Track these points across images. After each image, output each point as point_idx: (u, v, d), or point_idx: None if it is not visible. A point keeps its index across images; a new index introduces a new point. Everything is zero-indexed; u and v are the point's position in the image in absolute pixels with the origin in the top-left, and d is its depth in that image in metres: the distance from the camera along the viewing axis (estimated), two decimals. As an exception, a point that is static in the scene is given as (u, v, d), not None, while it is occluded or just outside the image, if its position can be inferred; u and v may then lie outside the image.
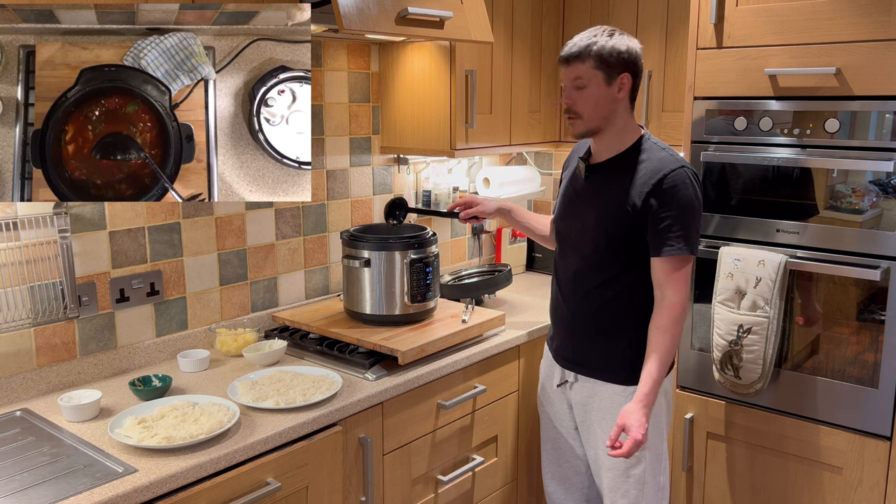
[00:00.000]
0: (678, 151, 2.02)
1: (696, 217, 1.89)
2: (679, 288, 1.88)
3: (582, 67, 1.89)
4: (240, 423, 1.76)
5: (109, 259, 2.05)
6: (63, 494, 1.45)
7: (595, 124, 1.93)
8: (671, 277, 1.87)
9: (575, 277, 2.03)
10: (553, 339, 2.16)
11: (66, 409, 1.76)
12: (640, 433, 1.81)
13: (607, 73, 1.88)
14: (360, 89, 2.65)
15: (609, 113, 1.92)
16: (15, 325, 1.87)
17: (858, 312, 2.14)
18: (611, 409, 1.99)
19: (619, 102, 1.92)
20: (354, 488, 1.98)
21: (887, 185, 2.04)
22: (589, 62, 1.88)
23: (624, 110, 1.94)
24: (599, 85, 1.89)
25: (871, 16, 2.00)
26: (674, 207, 1.85)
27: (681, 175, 1.86)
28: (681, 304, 1.88)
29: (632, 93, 1.94)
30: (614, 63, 1.88)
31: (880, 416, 2.11)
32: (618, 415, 1.94)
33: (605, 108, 1.91)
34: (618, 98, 1.91)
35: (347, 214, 2.67)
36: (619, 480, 2.00)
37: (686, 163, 1.91)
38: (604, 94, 1.90)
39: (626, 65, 1.89)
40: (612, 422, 1.98)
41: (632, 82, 1.92)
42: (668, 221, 1.85)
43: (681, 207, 1.86)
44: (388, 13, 2.04)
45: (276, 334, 2.33)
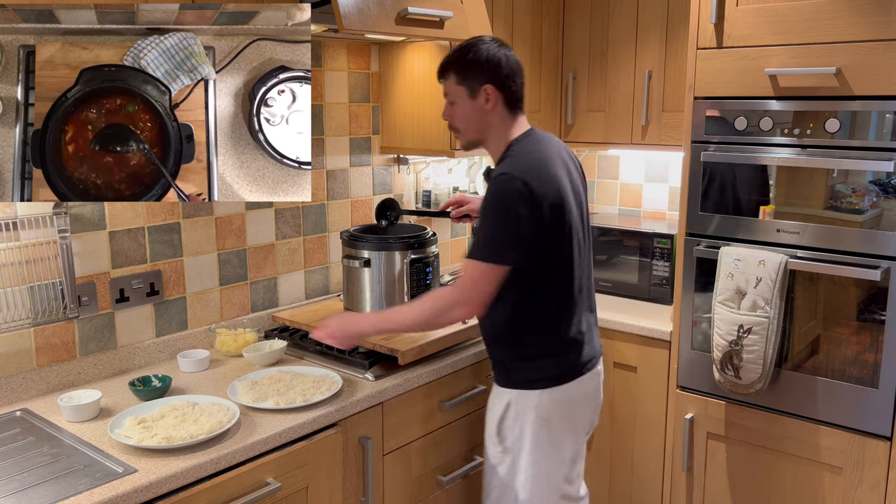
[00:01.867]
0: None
1: (499, 224, 1.79)
2: (461, 282, 1.82)
3: (448, 84, 1.92)
4: (240, 424, 1.76)
5: (109, 259, 2.05)
6: (63, 494, 1.45)
7: (472, 137, 1.94)
8: (462, 275, 1.83)
9: None
10: None
11: (66, 409, 1.76)
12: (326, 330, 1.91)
13: (469, 87, 1.88)
14: (360, 89, 2.65)
15: (483, 125, 1.91)
16: (15, 325, 1.87)
17: (858, 312, 2.14)
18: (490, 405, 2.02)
19: (490, 114, 1.89)
20: (354, 488, 1.98)
21: (887, 185, 2.04)
22: (452, 78, 1.91)
23: (500, 120, 1.90)
24: (465, 99, 1.90)
25: (871, 16, 2.00)
26: (485, 213, 1.81)
27: (499, 181, 1.79)
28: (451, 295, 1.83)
29: (509, 100, 1.89)
30: (474, 76, 1.87)
31: (880, 416, 2.11)
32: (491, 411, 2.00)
33: (476, 121, 1.91)
34: (486, 109, 1.89)
35: (347, 214, 2.67)
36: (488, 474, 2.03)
37: (510, 171, 1.79)
38: (470, 107, 1.90)
39: (487, 75, 1.86)
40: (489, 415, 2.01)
41: (499, 91, 1.87)
42: (480, 226, 1.83)
43: (486, 214, 1.81)
44: (388, 13, 2.04)
45: (276, 334, 2.33)
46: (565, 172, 1.90)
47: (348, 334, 1.92)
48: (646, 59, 2.79)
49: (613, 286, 2.92)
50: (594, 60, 2.94)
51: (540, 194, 1.78)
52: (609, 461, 2.76)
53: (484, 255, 1.79)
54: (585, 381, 1.97)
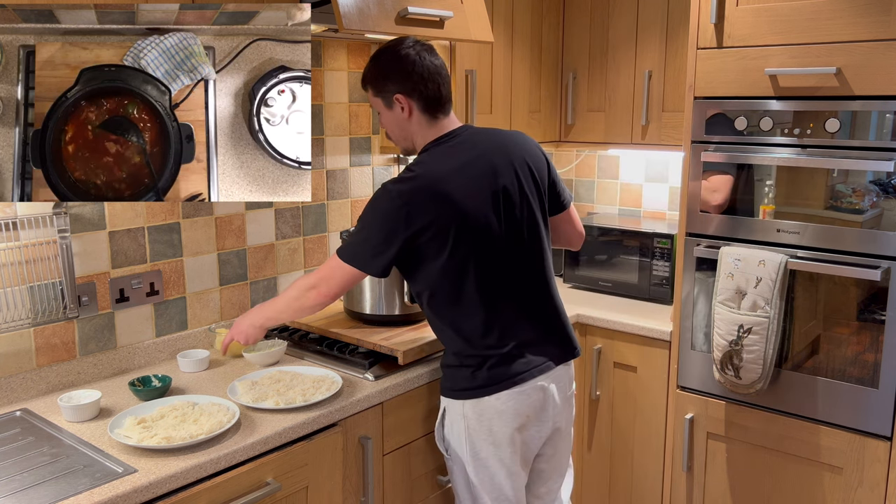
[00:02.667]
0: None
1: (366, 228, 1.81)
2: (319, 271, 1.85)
3: (369, 97, 1.94)
4: (240, 424, 1.76)
5: (109, 259, 2.05)
6: (63, 494, 1.45)
7: (404, 145, 1.96)
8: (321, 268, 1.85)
9: None
10: None
11: (66, 409, 1.76)
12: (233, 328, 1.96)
13: (384, 99, 1.89)
14: (360, 89, 2.64)
15: (406, 133, 1.92)
16: (15, 325, 1.87)
17: (858, 312, 2.14)
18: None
19: (408, 121, 1.88)
20: (354, 488, 1.98)
21: (887, 185, 2.04)
22: (370, 91, 1.93)
23: (419, 126, 1.88)
24: (385, 110, 1.91)
25: (871, 16, 2.00)
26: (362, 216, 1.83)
27: (382, 191, 1.80)
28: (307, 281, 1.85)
29: (426, 106, 1.86)
30: (384, 87, 1.87)
31: (880, 416, 2.11)
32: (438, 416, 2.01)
33: (400, 130, 1.92)
34: (404, 118, 1.88)
35: (347, 214, 2.67)
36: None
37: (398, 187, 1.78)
38: (391, 118, 1.91)
39: (396, 85, 1.85)
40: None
41: (410, 99, 1.85)
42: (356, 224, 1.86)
43: (362, 217, 1.83)
44: (387, 13, 2.04)
45: (276, 334, 2.33)
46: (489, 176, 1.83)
47: (243, 328, 1.95)
48: (646, 59, 2.79)
49: (613, 286, 2.92)
50: (594, 60, 2.94)
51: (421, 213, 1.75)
52: (609, 461, 2.76)
53: (346, 255, 1.81)
54: (515, 396, 1.86)
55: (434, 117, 1.89)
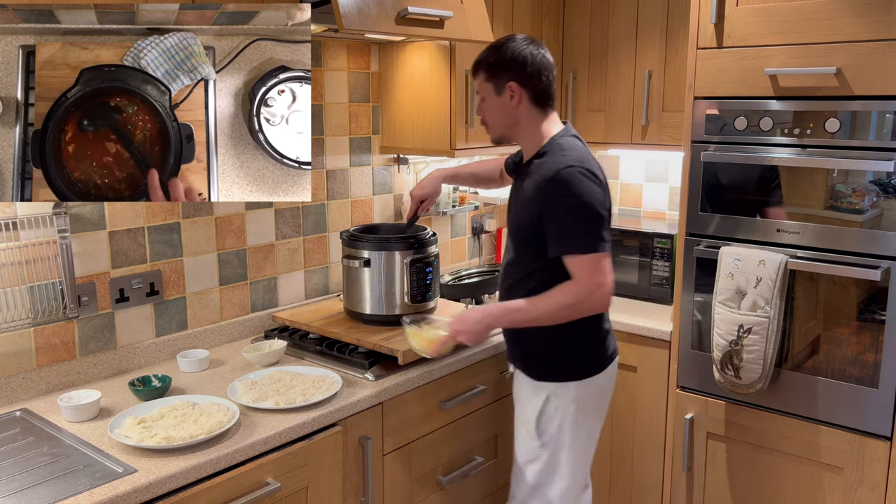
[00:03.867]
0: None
1: (589, 214, 1.85)
2: (586, 272, 1.85)
3: (478, 81, 1.99)
4: (239, 424, 1.76)
5: (109, 259, 2.05)
6: (63, 494, 1.45)
7: (500, 132, 2.00)
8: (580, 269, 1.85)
9: (505, 270, 2.07)
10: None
11: (66, 409, 1.76)
12: (459, 325, 1.91)
13: (496, 84, 1.94)
14: (360, 89, 2.65)
15: (511, 121, 1.96)
16: (15, 325, 1.87)
17: (858, 312, 2.14)
18: (523, 401, 2.05)
19: (516, 110, 1.94)
20: (354, 488, 1.98)
21: (887, 185, 2.04)
22: (481, 75, 1.97)
23: (527, 116, 1.95)
24: (492, 96, 1.96)
25: (871, 16, 2.00)
26: (565, 207, 1.84)
27: (568, 174, 1.83)
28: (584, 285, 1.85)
29: (536, 97, 1.93)
30: (499, 73, 1.92)
31: (880, 416, 2.11)
32: (525, 407, 2.03)
33: (504, 118, 1.96)
34: (512, 106, 1.94)
35: (347, 214, 2.67)
36: (520, 471, 2.07)
37: (576, 163, 1.85)
38: (497, 104, 1.95)
39: (511, 73, 1.91)
40: (521, 412, 2.05)
41: (524, 88, 1.92)
42: (563, 221, 1.85)
43: (571, 206, 1.83)
44: (388, 13, 2.04)
45: (276, 334, 2.33)
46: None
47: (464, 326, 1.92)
48: (646, 59, 2.79)
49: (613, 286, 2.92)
50: (594, 60, 2.94)
51: (602, 180, 1.91)
52: (609, 461, 2.76)
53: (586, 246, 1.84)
54: (611, 371, 2.07)
55: (543, 109, 1.97)
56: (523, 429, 2.06)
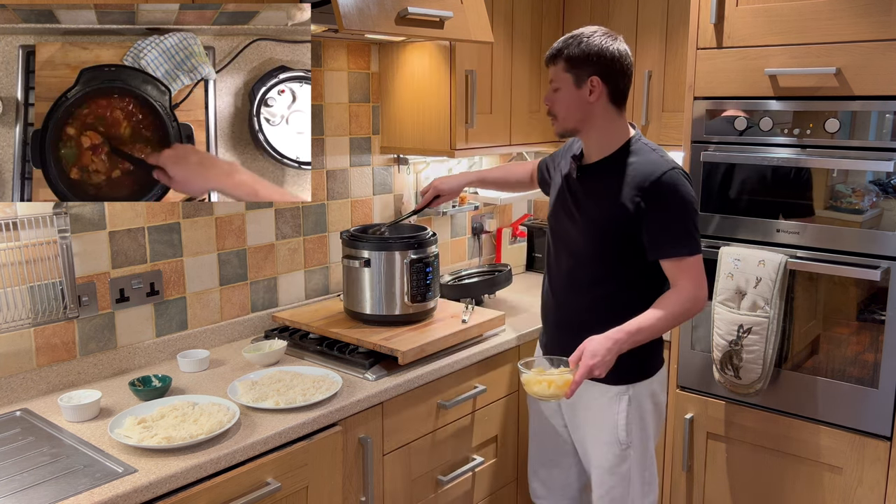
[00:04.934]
0: (672, 151, 2.02)
1: (695, 216, 1.89)
2: (691, 278, 1.87)
3: (555, 69, 1.92)
4: (240, 424, 1.76)
5: (109, 259, 2.05)
6: (63, 494, 1.45)
7: (571, 125, 1.94)
8: (684, 273, 1.87)
9: (566, 276, 2.03)
10: (543, 337, 2.17)
11: (66, 409, 1.76)
12: (592, 360, 1.76)
13: (576, 76, 1.88)
14: (360, 89, 2.65)
15: (584, 115, 1.91)
16: (15, 325, 1.87)
17: (858, 312, 2.14)
18: (598, 409, 1.99)
19: (593, 105, 1.89)
20: (354, 488, 1.98)
21: (887, 185, 2.04)
22: (560, 64, 1.90)
23: (603, 112, 1.91)
24: (570, 87, 1.90)
25: (871, 16, 2.00)
26: (672, 209, 1.85)
27: (673, 176, 1.85)
28: (691, 292, 1.86)
29: (614, 95, 1.90)
30: (583, 66, 1.87)
31: (880, 416, 2.11)
32: (604, 414, 1.97)
33: (578, 111, 1.91)
34: (590, 101, 1.89)
35: (347, 214, 2.67)
36: (605, 477, 2.01)
37: (677, 164, 1.89)
38: (574, 96, 1.90)
39: (595, 67, 1.86)
40: (598, 421, 1.99)
41: (606, 85, 1.88)
42: (668, 223, 1.85)
43: (678, 208, 1.85)
44: (388, 13, 2.04)
45: (276, 334, 2.33)
46: None
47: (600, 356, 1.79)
48: (646, 59, 2.79)
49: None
50: (594, 60, 2.94)
51: None
52: (609, 461, 2.76)
53: (695, 246, 1.87)
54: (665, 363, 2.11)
55: (618, 108, 1.93)
56: (602, 437, 1.99)
